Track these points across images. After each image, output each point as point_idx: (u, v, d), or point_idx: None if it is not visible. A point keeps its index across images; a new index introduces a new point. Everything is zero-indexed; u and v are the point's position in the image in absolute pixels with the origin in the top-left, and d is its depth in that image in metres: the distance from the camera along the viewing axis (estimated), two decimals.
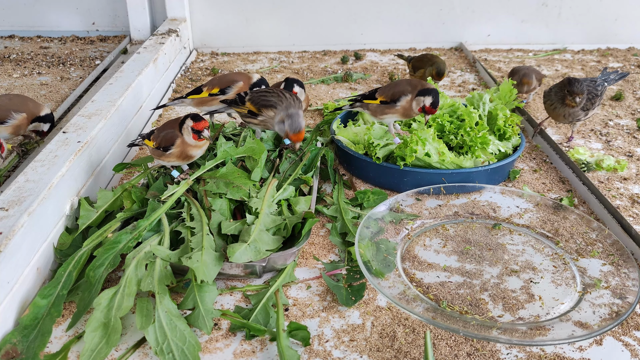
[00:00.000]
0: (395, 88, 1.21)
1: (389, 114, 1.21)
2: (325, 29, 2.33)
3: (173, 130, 1.06)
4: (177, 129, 1.06)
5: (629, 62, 2.15)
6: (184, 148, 1.06)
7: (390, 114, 1.22)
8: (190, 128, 1.04)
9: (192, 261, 0.89)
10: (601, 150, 1.44)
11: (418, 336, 0.85)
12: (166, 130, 1.07)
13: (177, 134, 1.05)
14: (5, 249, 0.82)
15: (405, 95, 1.19)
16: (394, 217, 1.09)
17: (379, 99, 1.22)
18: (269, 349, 0.83)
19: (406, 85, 1.21)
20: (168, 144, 1.05)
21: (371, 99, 1.23)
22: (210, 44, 2.34)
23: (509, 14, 2.32)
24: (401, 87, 1.20)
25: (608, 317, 0.84)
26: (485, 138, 1.25)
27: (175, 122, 1.08)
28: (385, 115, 1.22)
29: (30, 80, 1.86)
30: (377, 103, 1.22)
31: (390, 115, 1.22)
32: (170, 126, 1.08)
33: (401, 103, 1.19)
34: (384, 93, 1.22)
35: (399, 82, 1.24)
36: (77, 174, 1.10)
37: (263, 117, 1.16)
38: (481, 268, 0.99)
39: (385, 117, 1.23)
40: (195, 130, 1.04)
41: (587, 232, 1.05)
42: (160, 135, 1.06)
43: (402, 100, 1.19)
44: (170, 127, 1.07)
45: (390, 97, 1.20)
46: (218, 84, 1.32)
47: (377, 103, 1.22)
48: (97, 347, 0.79)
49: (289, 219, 1.02)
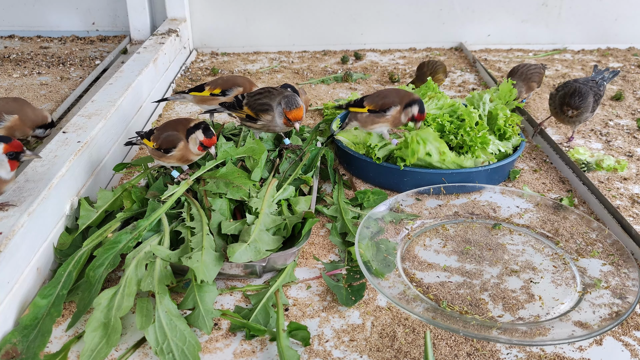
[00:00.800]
0: (385, 99, 1.22)
1: (379, 123, 1.23)
2: (325, 29, 2.33)
3: (176, 133, 1.05)
4: (183, 132, 1.05)
5: (629, 62, 2.15)
6: (185, 152, 1.05)
7: (380, 124, 1.23)
8: (199, 142, 1.04)
9: (192, 261, 0.89)
10: (601, 150, 1.44)
11: (418, 336, 0.85)
12: (168, 131, 1.06)
13: (181, 138, 1.04)
14: (5, 249, 0.82)
15: (395, 105, 1.21)
16: (394, 217, 1.09)
17: (367, 107, 1.22)
18: (269, 349, 0.83)
19: (394, 96, 1.22)
20: (170, 146, 1.04)
21: (359, 107, 1.24)
22: (210, 44, 2.34)
23: (509, 14, 2.32)
24: (390, 98, 1.22)
25: (608, 317, 0.84)
26: (485, 138, 1.25)
27: (178, 124, 1.06)
28: (376, 124, 1.23)
29: (30, 80, 1.86)
30: (365, 112, 1.23)
31: (381, 124, 1.23)
32: (172, 127, 1.06)
33: (391, 113, 1.21)
34: (372, 102, 1.23)
35: (387, 92, 1.25)
36: (77, 174, 1.10)
37: (262, 122, 1.17)
38: (481, 268, 0.99)
39: (375, 127, 1.24)
40: (204, 145, 1.04)
41: (587, 232, 1.05)
42: (161, 137, 1.05)
43: (392, 110, 1.21)
44: (172, 128, 1.06)
45: (380, 107, 1.22)
46: (221, 85, 1.33)
47: (365, 112, 1.23)
48: (97, 347, 0.79)
49: (289, 219, 1.02)
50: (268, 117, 1.16)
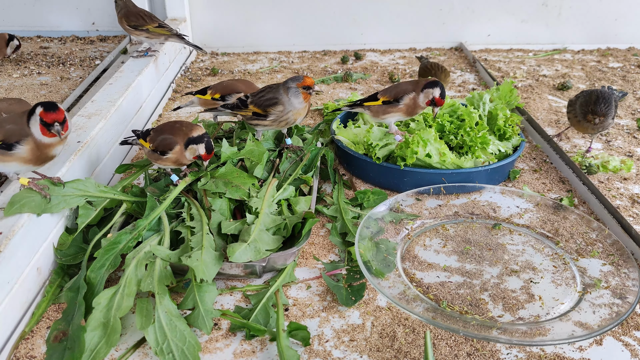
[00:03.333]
0: (398, 88, 1.23)
1: (391, 112, 1.22)
2: (325, 29, 2.33)
3: (172, 137, 1.04)
4: (181, 138, 1.03)
5: (629, 62, 2.15)
6: (180, 157, 1.04)
7: (392, 113, 1.22)
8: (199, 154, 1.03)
9: (192, 260, 0.89)
10: (601, 150, 1.44)
11: (418, 336, 0.85)
12: (165, 134, 1.05)
13: (177, 142, 1.03)
14: (5, 249, 0.82)
15: (408, 93, 1.20)
16: (394, 217, 1.09)
17: (381, 99, 1.22)
18: (269, 349, 0.83)
19: (407, 85, 1.22)
20: (166, 149, 1.03)
21: (372, 101, 1.24)
22: (210, 44, 2.34)
23: (509, 14, 2.32)
24: (403, 87, 1.22)
25: (608, 317, 0.84)
26: (485, 138, 1.25)
27: (178, 129, 1.05)
28: (388, 114, 1.23)
29: (30, 80, 1.86)
30: (379, 104, 1.22)
31: (393, 114, 1.22)
32: (170, 130, 1.06)
33: (404, 101, 1.20)
34: (386, 93, 1.23)
35: (400, 83, 1.26)
36: (77, 173, 1.10)
37: (273, 116, 1.17)
38: (481, 268, 0.99)
39: (387, 117, 1.23)
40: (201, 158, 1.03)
41: (587, 232, 1.05)
42: (158, 139, 1.05)
43: (405, 99, 1.20)
44: (170, 131, 1.05)
45: (393, 97, 1.21)
46: (221, 91, 1.33)
47: (379, 104, 1.22)
48: (96, 347, 0.79)
49: (289, 219, 1.02)
50: (279, 108, 1.16)
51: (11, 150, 0.89)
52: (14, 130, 0.90)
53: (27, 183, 0.93)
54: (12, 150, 0.89)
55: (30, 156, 0.90)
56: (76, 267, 0.97)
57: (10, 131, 0.90)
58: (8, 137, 0.89)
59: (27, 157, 0.90)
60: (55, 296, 0.92)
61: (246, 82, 1.35)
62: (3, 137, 0.89)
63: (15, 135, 0.89)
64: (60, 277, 0.95)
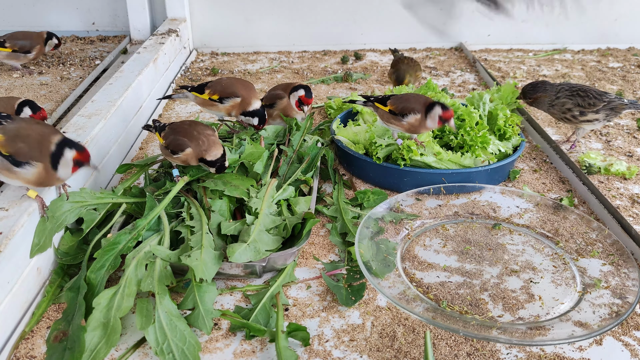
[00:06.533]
0: (406, 103, 1.19)
1: (394, 124, 1.21)
2: (325, 29, 2.33)
3: (186, 140, 1.05)
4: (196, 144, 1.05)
5: (629, 62, 2.15)
6: (190, 159, 1.06)
7: (395, 126, 1.21)
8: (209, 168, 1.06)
9: (191, 259, 0.89)
10: (601, 150, 1.44)
11: (418, 336, 0.85)
12: (179, 135, 1.06)
13: (189, 145, 1.04)
14: (5, 249, 0.82)
15: (415, 113, 1.17)
16: (394, 217, 1.09)
17: (389, 107, 1.21)
18: (269, 349, 0.83)
19: (416, 103, 1.18)
20: (177, 149, 1.05)
21: (382, 104, 1.23)
22: (210, 44, 2.34)
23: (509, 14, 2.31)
24: (411, 104, 1.18)
25: (608, 317, 0.84)
26: (486, 138, 1.25)
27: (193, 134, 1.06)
28: (391, 124, 1.22)
29: (30, 80, 1.86)
30: (386, 110, 1.22)
31: (395, 126, 1.21)
32: (182, 133, 1.06)
33: (408, 120, 1.18)
34: (395, 103, 1.20)
35: (411, 97, 1.21)
36: (77, 174, 1.10)
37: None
38: (481, 268, 0.99)
39: (390, 126, 1.23)
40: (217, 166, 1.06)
41: (587, 232, 1.05)
42: (171, 137, 1.07)
43: (409, 117, 1.17)
44: (183, 134, 1.06)
45: (399, 111, 1.19)
46: (219, 92, 1.30)
47: (386, 110, 1.22)
48: (96, 347, 0.79)
49: (289, 219, 1.02)
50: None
51: (19, 167, 0.88)
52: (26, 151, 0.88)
53: (34, 197, 0.93)
54: (19, 167, 0.88)
55: (36, 179, 0.89)
56: (76, 267, 0.97)
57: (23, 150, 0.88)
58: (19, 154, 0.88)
59: (32, 179, 0.89)
60: (55, 296, 0.92)
61: (245, 83, 1.34)
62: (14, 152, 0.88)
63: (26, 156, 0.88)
64: (60, 277, 0.95)
